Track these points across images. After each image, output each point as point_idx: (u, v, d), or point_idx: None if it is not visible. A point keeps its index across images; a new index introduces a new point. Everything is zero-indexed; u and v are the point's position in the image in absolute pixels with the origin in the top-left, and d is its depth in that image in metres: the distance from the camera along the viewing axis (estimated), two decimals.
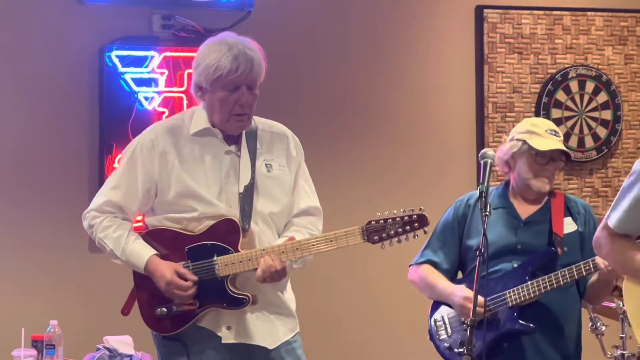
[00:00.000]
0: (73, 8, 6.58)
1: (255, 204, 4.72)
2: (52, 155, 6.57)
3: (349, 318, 6.95)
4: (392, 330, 6.97)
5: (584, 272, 5.05)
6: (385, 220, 4.65)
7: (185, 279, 4.66)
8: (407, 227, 4.64)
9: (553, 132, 5.19)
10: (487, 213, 4.56)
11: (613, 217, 4.43)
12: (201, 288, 4.67)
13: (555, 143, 5.14)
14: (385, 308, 6.96)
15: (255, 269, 4.60)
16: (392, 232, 4.64)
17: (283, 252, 4.62)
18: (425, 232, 4.68)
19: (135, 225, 4.89)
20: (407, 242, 4.63)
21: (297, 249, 4.63)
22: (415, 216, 4.65)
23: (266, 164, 4.78)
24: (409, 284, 5.66)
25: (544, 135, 5.15)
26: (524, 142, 5.15)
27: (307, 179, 4.90)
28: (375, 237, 4.65)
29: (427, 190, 6.95)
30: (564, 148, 5.17)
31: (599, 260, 4.98)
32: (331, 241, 4.66)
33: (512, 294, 5.07)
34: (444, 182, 6.91)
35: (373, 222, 4.65)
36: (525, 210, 5.22)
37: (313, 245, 4.65)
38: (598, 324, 5.75)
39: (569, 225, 5.19)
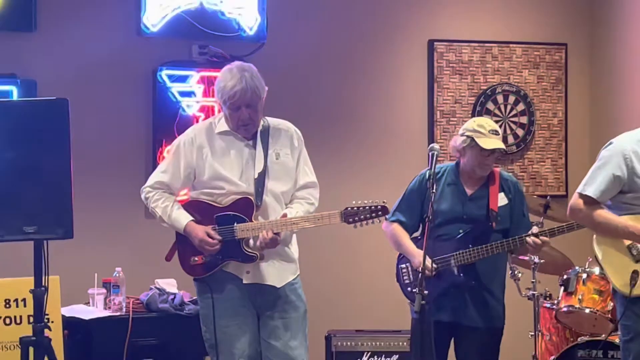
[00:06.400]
0: (133, 39, 6.59)
1: (267, 184, 4.75)
2: (120, 147, 6.59)
3: (337, 266, 6.99)
4: (368, 275, 7.00)
5: (512, 247, 5.09)
6: (359, 207, 4.69)
7: (213, 238, 4.68)
8: (374, 214, 4.69)
9: (495, 132, 5.17)
10: (434, 191, 4.61)
11: (590, 189, 4.53)
12: (224, 246, 4.71)
13: (496, 142, 5.13)
14: (364, 259, 7.00)
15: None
16: (363, 217, 4.68)
17: (283, 224, 4.65)
18: (386, 219, 4.87)
19: (182, 198, 4.94)
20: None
21: (293, 223, 4.66)
22: (379, 207, 4.70)
23: (275, 153, 4.80)
24: (380, 243, 5.69)
25: (487, 135, 5.13)
26: (472, 139, 5.13)
27: (306, 162, 4.91)
28: (350, 219, 4.69)
29: (391, 172, 6.98)
30: (503, 147, 5.18)
31: (528, 240, 5.02)
32: (318, 220, 4.70)
33: (457, 256, 5.08)
34: (403, 166, 6.92)
35: (349, 208, 4.69)
36: (470, 187, 5.20)
37: (305, 221, 4.68)
38: (515, 272, 5.77)
39: (502, 199, 5.19)
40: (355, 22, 7.06)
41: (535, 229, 5.06)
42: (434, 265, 5.02)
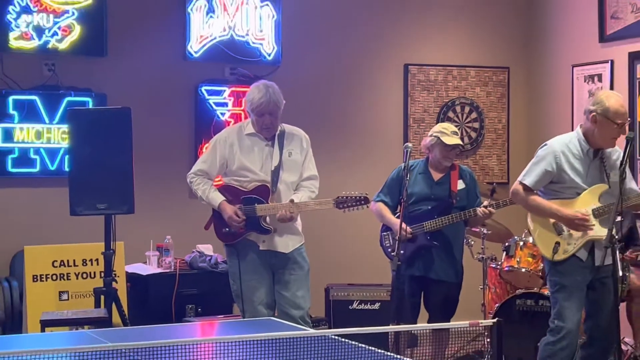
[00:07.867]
0: (180, 62, 6.56)
1: (281, 175, 4.75)
2: (170, 144, 6.55)
3: (334, 236, 6.96)
4: (356, 243, 6.97)
5: (467, 216, 5.08)
6: (347, 197, 4.69)
7: (239, 216, 4.68)
8: (358, 203, 4.71)
9: (455, 133, 5.21)
10: (407, 179, 4.70)
11: (528, 180, 4.57)
12: (247, 221, 4.71)
13: (456, 140, 5.17)
14: (354, 231, 6.95)
15: (276, 214, 4.66)
16: (350, 204, 4.69)
17: (291, 207, 4.65)
18: (367, 207, 4.76)
19: (217, 183, 4.92)
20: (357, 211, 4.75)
21: (297, 206, 4.67)
22: (362, 197, 4.70)
23: (289, 152, 4.81)
24: (366, 220, 5.66)
25: (450, 135, 5.17)
26: (438, 138, 5.15)
27: (311, 159, 4.91)
28: (341, 206, 4.70)
29: (375, 166, 6.94)
30: (461, 143, 5.22)
31: (478, 210, 5.04)
32: (316, 205, 4.71)
33: (427, 224, 5.09)
34: (384, 161, 6.88)
35: (340, 197, 4.69)
36: (436, 175, 5.23)
37: (307, 205, 4.69)
38: (469, 240, 5.79)
39: (460, 184, 5.21)
40: (349, 51, 7.04)
41: (485, 203, 5.08)
42: (410, 230, 5.03)
